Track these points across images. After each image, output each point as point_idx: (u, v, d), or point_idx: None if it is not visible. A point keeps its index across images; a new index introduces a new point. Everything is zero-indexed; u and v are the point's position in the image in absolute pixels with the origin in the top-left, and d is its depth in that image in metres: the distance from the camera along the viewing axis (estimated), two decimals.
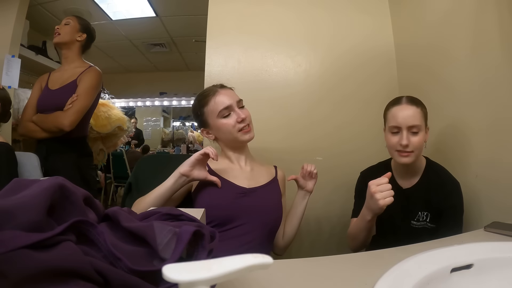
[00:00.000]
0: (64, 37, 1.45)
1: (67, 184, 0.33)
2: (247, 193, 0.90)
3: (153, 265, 0.31)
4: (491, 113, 0.96)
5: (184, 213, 0.41)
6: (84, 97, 1.37)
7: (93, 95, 1.42)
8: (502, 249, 0.52)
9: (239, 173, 0.94)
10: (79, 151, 1.46)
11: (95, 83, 1.43)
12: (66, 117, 1.31)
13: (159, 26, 3.39)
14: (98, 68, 1.51)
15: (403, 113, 0.90)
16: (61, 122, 1.31)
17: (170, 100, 5.41)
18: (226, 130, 0.90)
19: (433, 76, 1.24)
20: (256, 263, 0.22)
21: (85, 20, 1.56)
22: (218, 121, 0.90)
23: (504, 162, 0.90)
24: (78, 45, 1.50)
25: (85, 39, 1.51)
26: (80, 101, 1.35)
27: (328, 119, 1.45)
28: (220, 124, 0.90)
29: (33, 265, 0.24)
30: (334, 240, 1.44)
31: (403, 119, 0.90)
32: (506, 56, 0.89)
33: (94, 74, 1.44)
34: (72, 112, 1.33)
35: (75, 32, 1.48)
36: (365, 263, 0.58)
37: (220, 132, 0.92)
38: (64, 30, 1.46)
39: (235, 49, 1.47)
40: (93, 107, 1.49)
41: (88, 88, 1.39)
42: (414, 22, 1.36)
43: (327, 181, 1.44)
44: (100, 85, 1.48)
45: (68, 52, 1.49)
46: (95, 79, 1.43)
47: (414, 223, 0.94)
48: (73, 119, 1.32)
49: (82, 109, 1.36)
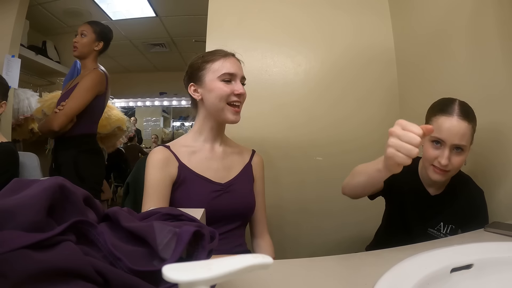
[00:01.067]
0: (82, 50, 1.54)
1: (67, 184, 0.32)
2: (223, 190, 0.86)
3: (153, 265, 0.31)
4: (491, 113, 0.96)
5: (184, 213, 0.41)
6: (74, 99, 1.43)
7: (85, 96, 1.46)
8: (502, 249, 0.52)
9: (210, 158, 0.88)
10: (80, 148, 1.51)
11: (89, 85, 1.47)
12: (55, 119, 1.40)
13: (159, 26, 3.39)
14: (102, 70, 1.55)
15: (452, 127, 0.77)
16: (51, 124, 1.40)
17: (170, 100, 5.40)
18: (218, 94, 0.82)
19: (433, 76, 1.24)
20: (256, 263, 0.22)
21: (99, 24, 1.61)
22: (215, 82, 0.83)
23: (504, 162, 0.90)
24: (96, 53, 1.58)
25: (102, 46, 1.58)
26: (69, 104, 1.42)
27: (328, 118, 1.45)
28: (216, 86, 0.83)
29: (33, 265, 0.24)
30: (334, 240, 1.44)
31: (450, 135, 0.77)
32: (506, 56, 0.89)
33: (90, 77, 1.49)
34: (60, 114, 1.41)
35: (92, 43, 1.55)
36: (365, 263, 0.58)
37: (210, 95, 0.83)
38: (81, 43, 1.53)
39: (235, 49, 1.45)
40: (97, 107, 1.55)
41: (80, 91, 1.45)
42: (414, 21, 1.36)
43: (327, 179, 1.44)
44: (97, 85, 1.50)
45: (86, 61, 1.57)
46: (91, 81, 1.48)
47: (431, 230, 0.88)
48: (61, 121, 1.40)
49: (71, 111, 1.42)
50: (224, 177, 0.88)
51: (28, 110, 2.21)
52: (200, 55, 0.89)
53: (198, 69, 0.86)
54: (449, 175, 0.82)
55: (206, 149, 0.89)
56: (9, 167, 1.17)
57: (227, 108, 0.84)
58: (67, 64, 3.07)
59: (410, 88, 1.41)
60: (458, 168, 0.81)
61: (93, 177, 1.55)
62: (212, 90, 0.83)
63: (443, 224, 0.87)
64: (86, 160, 1.52)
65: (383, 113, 1.47)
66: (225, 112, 0.84)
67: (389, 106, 1.47)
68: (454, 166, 0.79)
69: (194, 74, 0.87)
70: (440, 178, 0.81)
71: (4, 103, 1.25)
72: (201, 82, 0.85)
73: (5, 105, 1.26)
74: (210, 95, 0.83)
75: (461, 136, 0.76)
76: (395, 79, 1.49)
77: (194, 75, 0.87)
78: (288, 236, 1.43)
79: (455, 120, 0.77)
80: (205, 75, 0.85)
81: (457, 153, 0.78)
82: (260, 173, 0.97)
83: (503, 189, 0.90)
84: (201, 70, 0.86)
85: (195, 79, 0.87)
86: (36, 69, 2.88)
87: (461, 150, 0.78)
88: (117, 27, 3.29)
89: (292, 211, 1.44)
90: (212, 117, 0.87)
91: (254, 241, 0.97)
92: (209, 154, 0.89)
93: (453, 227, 0.87)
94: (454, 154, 0.78)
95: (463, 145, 0.77)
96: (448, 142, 0.77)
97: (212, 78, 0.83)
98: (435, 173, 0.81)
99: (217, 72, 0.83)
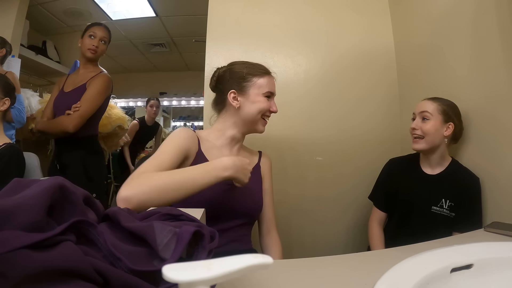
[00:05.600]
0: (99, 55, 1.59)
1: (67, 184, 0.33)
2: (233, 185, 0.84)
3: (153, 265, 0.31)
4: (491, 113, 0.96)
5: (184, 213, 0.41)
6: (89, 102, 1.47)
7: (98, 100, 1.52)
8: (502, 249, 0.52)
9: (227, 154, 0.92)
10: (87, 148, 1.56)
11: (101, 89, 1.52)
12: (71, 121, 1.43)
13: (159, 26, 3.39)
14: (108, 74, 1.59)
15: (421, 103, 1.05)
16: (66, 126, 1.42)
17: (170, 100, 5.40)
18: (259, 108, 0.90)
19: (433, 76, 1.24)
20: (256, 263, 0.22)
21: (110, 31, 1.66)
22: (259, 96, 0.90)
23: (504, 162, 0.90)
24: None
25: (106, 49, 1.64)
26: (84, 107, 1.46)
27: (327, 118, 1.45)
28: (259, 100, 0.90)
29: (33, 265, 0.24)
30: (334, 239, 1.44)
31: (418, 107, 1.05)
32: (506, 56, 0.89)
33: (102, 80, 1.54)
34: (76, 116, 1.44)
35: (106, 49, 1.61)
36: (365, 263, 0.58)
37: (252, 106, 0.90)
38: (101, 49, 1.59)
39: (235, 49, 1.47)
40: (102, 110, 1.60)
41: (94, 94, 1.49)
42: (414, 22, 1.36)
43: (327, 179, 1.44)
44: (107, 90, 1.57)
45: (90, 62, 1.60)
46: (102, 85, 1.53)
47: (435, 208, 0.99)
48: (76, 123, 1.43)
49: (86, 114, 1.46)
50: None
51: (28, 110, 2.21)
52: (242, 64, 0.94)
53: (242, 79, 0.91)
54: (426, 142, 1.01)
55: (224, 149, 0.94)
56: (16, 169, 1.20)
57: (260, 120, 0.92)
58: (67, 64, 3.07)
59: (410, 88, 1.41)
60: (429, 134, 1.00)
61: (99, 178, 1.59)
62: (255, 103, 0.90)
63: (445, 200, 0.99)
64: (92, 161, 1.56)
65: (383, 113, 1.47)
66: (258, 123, 0.92)
67: (389, 106, 1.47)
68: (423, 130, 1.01)
69: (237, 82, 0.91)
70: (418, 147, 1.02)
71: (7, 100, 1.27)
72: (243, 92, 0.91)
73: (8, 101, 1.28)
74: (252, 106, 0.90)
75: (424, 108, 1.02)
76: (395, 80, 1.49)
77: (237, 83, 0.91)
78: (289, 236, 1.43)
79: (425, 100, 1.05)
80: (249, 87, 0.90)
81: (424, 122, 1.01)
82: (268, 172, 1.02)
83: (503, 189, 0.90)
84: (246, 81, 0.91)
85: (237, 87, 0.91)
86: (36, 69, 2.88)
87: (427, 119, 1.01)
88: (117, 27, 3.29)
89: (292, 211, 1.44)
90: (244, 125, 0.92)
91: (262, 239, 0.98)
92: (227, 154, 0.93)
93: (452, 204, 0.98)
94: (421, 122, 1.02)
95: (426, 114, 1.01)
96: (416, 112, 1.05)
97: (257, 92, 0.90)
98: (413, 142, 1.04)
99: (263, 89, 0.90)
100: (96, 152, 1.62)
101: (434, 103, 1.02)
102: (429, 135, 1.00)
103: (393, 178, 1.12)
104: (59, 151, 1.55)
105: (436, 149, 1.02)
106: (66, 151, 1.52)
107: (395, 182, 1.11)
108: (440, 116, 1.00)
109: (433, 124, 1.00)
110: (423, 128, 1.00)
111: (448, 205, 0.98)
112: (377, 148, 1.44)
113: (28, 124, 2.24)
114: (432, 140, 1.00)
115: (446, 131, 1.00)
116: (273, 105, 0.93)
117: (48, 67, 2.94)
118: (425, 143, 1.01)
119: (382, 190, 1.16)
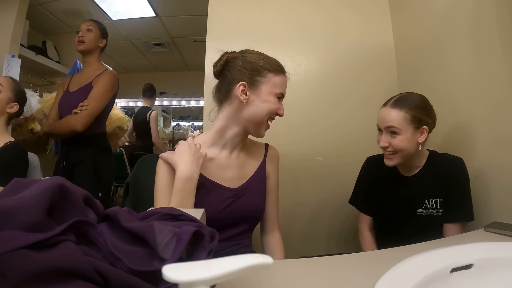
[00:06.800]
0: (89, 45, 1.53)
1: (67, 184, 0.32)
2: (236, 195, 0.84)
3: (153, 265, 0.31)
4: (491, 113, 0.96)
5: (184, 213, 0.41)
6: (96, 100, 1.46)
7: (105, 97, 1.50)
8: (502, 249, 0.52)
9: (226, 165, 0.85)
10: (96, 146, 1.54)
11: (108, 86, 1.50)
12: (79, 120, 1.41)
13: (159, 26, 3.39)
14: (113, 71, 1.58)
15: (383, 113, 0.91)
16: (75, 125, 1.41)
17: (170, 100, 5.40)
18: (269, 108, 0.81)
19: (432, 76, 1.24)
20: (256, 263, 0.22)
21: (102, 24, 1.62)
22: (271, 96, 0.81)
23: (504, 162, 0.90)
24: (99, 50, 1.59)
25: (105, 44, 1.61)
26: (92, 104, 1.44)
27: (327, 118, 1.45)
28: (271, 100, 0.81)
29: (33, 265, 0.24)
30: (334, 239, 1.44)
31: (381, 121, 0.91)
32: (506, 56, 0.89)
33: (108, 77, 1.52)
34: (84, 115, 1.42)
35: (98, 39, 1.56)
36: (365, 263, 0.58)
37: (262, 105, 0.80)
38: (88, 37, 1.53)
39: (235, 49, 1.46)
40: (110, 107, 1.58)
41: (101, 91, 1.47)
42: (414, 21, 1.36)
43: (327, 179, 1.44)
44: (114, 87, 1.55)
45: (89, 58, 1.57)
46: (109, 82, 1.51)
47: (420, 211, 0.94)
48: (85, 121, 1.41)
49: (94, 112, 1.45)
50: (238, 182, 0.86)
51: (28, 110, 2.21)
52: (258, 55, 0.84)
53: (256, 72, 0.81)
54: (399, 156, 0.90)
55: (223, 156, 0.85)
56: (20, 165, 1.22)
57: (265, 124, 0.83)
58: (67, 64, 3.07)
59: (410, 89, 1.41)
60: (401, 149, 0.88)
61: (108, 175, 1.57)
62: (266, 102, 0.81)
63: (428, 201, 0.93)
64: (102, 158, 1.54)
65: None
66: (262, 126, 0.83)
67: None
68: (394, 147, 0.88)
69: (249, 74, 0.81)
70: (391, 163, 0.91)
71: (15, 105, 1.30)
72: (255, 88, 0.81)
73: (16, 107, 1.30)
74: (261, 105, 0.80)
75: (389, 122, 0.88)
76: (395, 80, 1.49)
77: (249, 75, 0.80)
78: (288, 236, 1.43)
79: (386, 108, 0.91)
80: (262, 83, 0.80)
81: (393, 137, 0.89)
82: (274, 169, 0.94)
83: (503, 189, 0.90)
84: (260, 76, 0.81)
85: (248, 80, 0.80)
86: (36, 69, 2.88)
87: (395, 133, 0.88)
88: (117, 27, 3.29)
89: (292, 211, 1.44)
90: (247, 124, 0.83)
91: (264, 238, 0.95)
92: (225, 161, 0.85)
93: (440, 200, 0.92)
94: (391, 137, 0.89)
95: (394, 127, 0.88)
96: (382, 126, 0.91)
97: (269, 91, 0.81)
98: (386, 159, 0.93)
99: (276, 88, 0.81)
100: (105, 149, 1.60)
101: (399, 111, 0.87)
102: (402, 150, 0.89)
103: (373, 181, 1.05)
104: (68, 150, 1.51)
105: (413, 156, 0.93)
106: (75, 150, 1.49)
107: (376, 190, 1.04)
108: (411, 125, 0.87)
109: (405, 137, 0.87)
110: (394, 145, 0.88)
111: (432, 205, 0.92)
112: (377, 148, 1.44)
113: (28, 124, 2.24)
114: (407, 153, 0.90)
115: (420, 136, 0.89)
116: (282, 108, 0.83)
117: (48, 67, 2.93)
118: (399, 158, 0.90)
119: (365, 194, 1.08)
